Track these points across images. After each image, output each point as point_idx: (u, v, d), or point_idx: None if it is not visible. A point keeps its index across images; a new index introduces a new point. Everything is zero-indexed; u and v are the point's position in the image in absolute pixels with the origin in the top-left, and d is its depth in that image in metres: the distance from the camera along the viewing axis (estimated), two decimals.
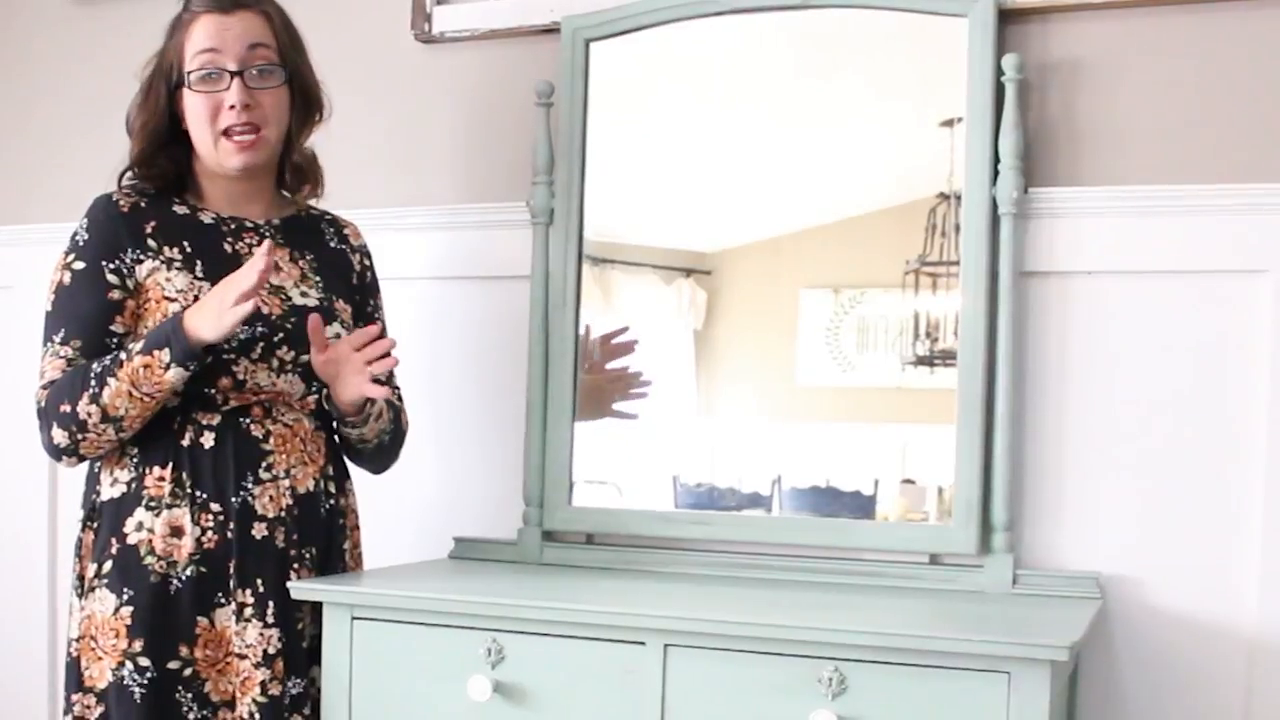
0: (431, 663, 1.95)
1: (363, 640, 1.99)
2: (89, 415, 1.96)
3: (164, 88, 2.09)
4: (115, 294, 2.03)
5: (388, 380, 2.22)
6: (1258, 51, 2.11)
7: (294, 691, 2.03)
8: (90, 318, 2.02)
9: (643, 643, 1.84)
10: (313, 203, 2.26)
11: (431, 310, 2.56)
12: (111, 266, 2.03)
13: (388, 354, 2.01)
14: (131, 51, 2.80)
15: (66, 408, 1.97)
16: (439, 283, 2.55)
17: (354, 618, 1.99)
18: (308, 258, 2.17)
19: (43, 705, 2.90)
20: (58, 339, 2.03)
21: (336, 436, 2.20)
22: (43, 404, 2.01)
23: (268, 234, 2.14)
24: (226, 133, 2.05)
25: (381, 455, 2.22)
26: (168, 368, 1.93)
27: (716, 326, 2.40)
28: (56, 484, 2.89)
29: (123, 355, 1.95)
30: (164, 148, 2.10)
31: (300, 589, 2.00)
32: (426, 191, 2.59)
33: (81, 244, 2.06)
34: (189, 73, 2.05)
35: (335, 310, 2.14)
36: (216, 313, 1.91)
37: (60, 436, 1.99)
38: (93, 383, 1.95)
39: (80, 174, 2.86)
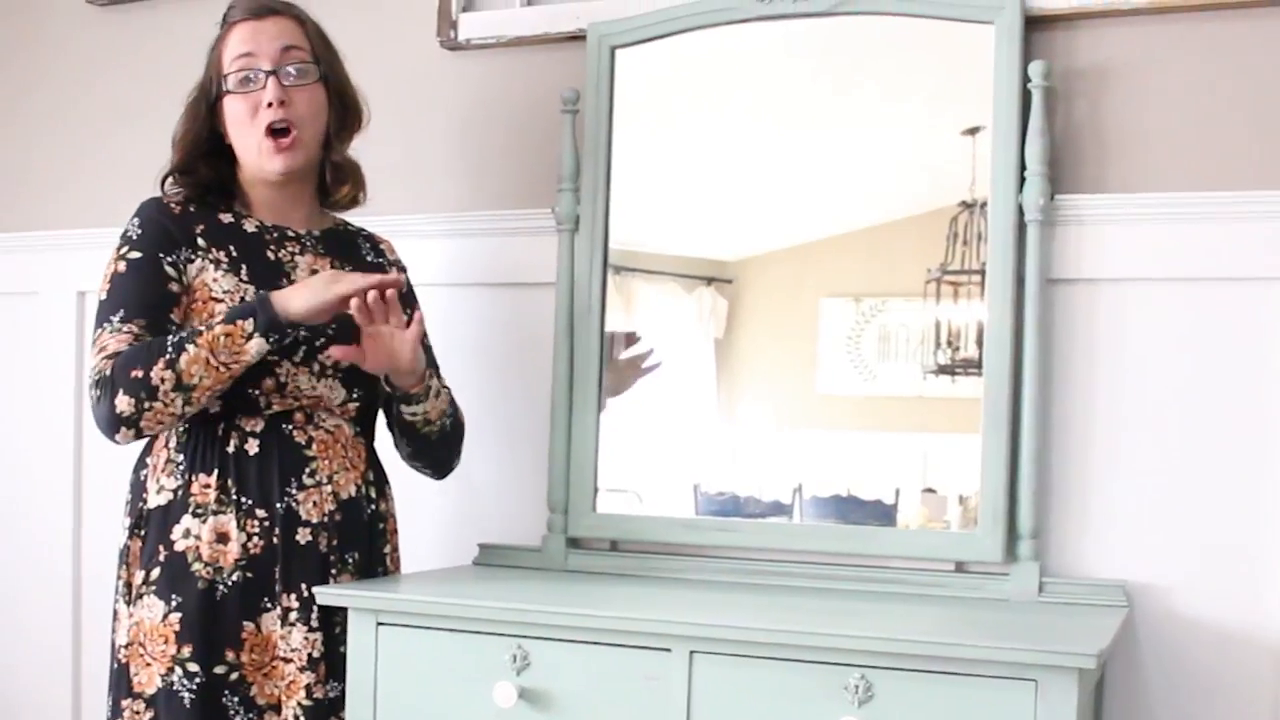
0: (457, 669, 1.95)
1: (388, 646, 1.99)
2: (162, 380, 1.94)
3: (204, 103, 2.13)
4: (174, 286, 2.05)
5: (435, 375, 2.25)
6: None
7: (332, 695, 2.05)
8: (150, 303, 2.03)
9: (668, 649, 1.84)
10: (350, 217, 2.29)
11: (455, 316, 2.56)
12: (169, 260, 2.05)
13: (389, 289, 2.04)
14: (155, 56, 2.84)
15: (139, 373, 1.95)
16: (463, 289, 2.56)
17: (379, 623, 1.99)
18: (347, 270, 2.19)
19: (66, 709, 2.91)
20: (117, 318, 2.02)
21: (396, 432, 2.22)
22: (108, 372, 1.97)
23: (309, 244, 2.17)
24: (267, 134, 2.07)
25: (446, 445, 2.24)
26: (249, 337, 1.94)
27: (737, 335, 2.40)
28: (82, 488, 2.90)
29: (202, 328, 1.96)
30: (204, 157, 2.13)
31: (326, 594, 2.01)
32: (451, 198, 2.60)
33: (135, 239, 2.07)
34: (226, 77, 2.09)
35: None
36: (314, 289, 1.96)
37: (124, 404, 1.96)
38: (169, 350, 1.95)
39: (104, 179, 2.89)
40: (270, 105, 2.07)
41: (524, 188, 2.52)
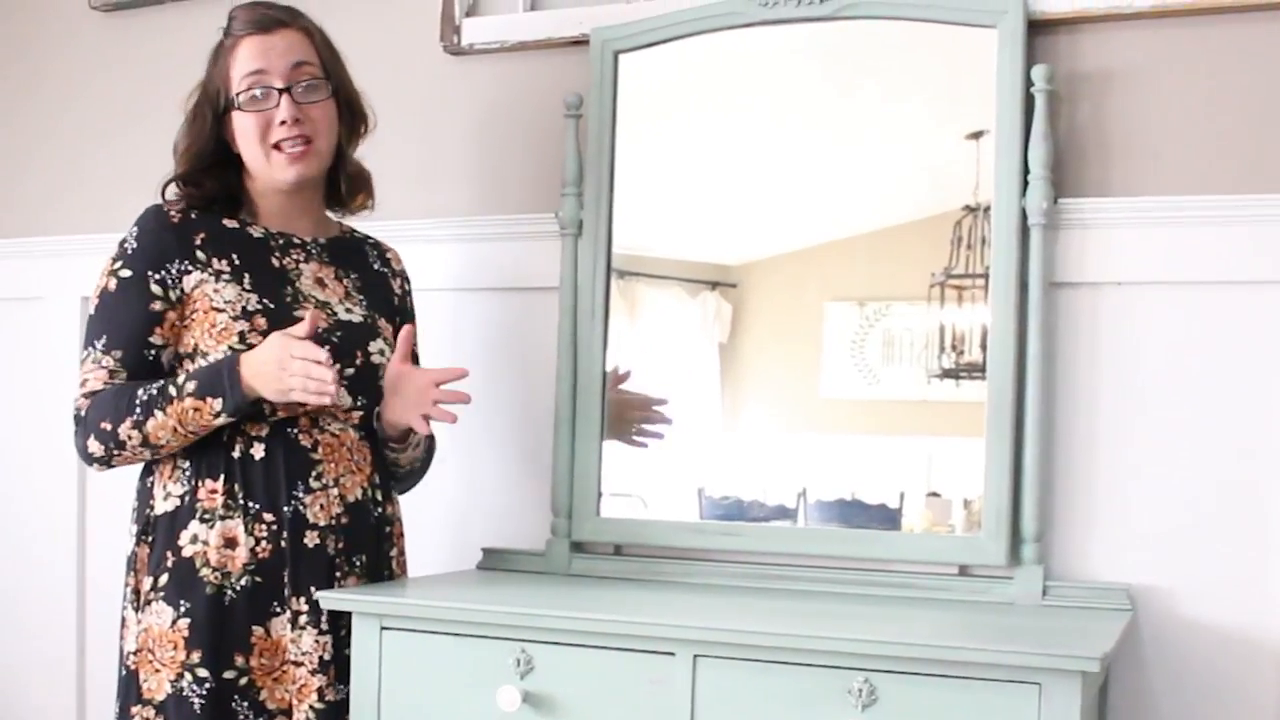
0: (460, 673, 1.95)
1: (392, 650, 1.99)
2: (129, 438, 2.00)
3: (210, 113, 2.12)
4: (157, 305, 2.06)
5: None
6: None
7: (342, 698, 2.05)
8: (130, 328, 2.06)
9: (672, 653, 1.84)
10: (355, 224, 2.30)
11: (459, 321, 2.56)
12: (156, 277, 2.06)
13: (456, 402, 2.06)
14: (157, 61, 2.85)
15: (107, 425, 2.01)
16: (467, 294, 2.56)
17: (383, 628, 1.99)
18: (352, 277, 2.21)
19: (70, 715, 2.91)
20: (99, 346, 2.06)
21: None
22: (83, 413, 2.04)
23: (314, 251, 2.18)
24: (278, 147, 2.08)
25: (409, 478, 2.27)
26: (218, 415, 1.98)
27: (741, 339, 2.40)
28: (85, 494, 2.90)
29: (172, 390, 1.99)
30: (209, 169, 2.13)
31: (330, 598, 2.01)
32: (455, 203, 2.60)
33: (130, 252, 2.08)
34: (237, 94, 2.08)
35: (378, 328, 2.18)
36: (271, 378, 1.96)
37: (96, 448, 2.04)
38: (138, 410, 1.99)
39: (107, 184, 2.89)
40: (284, 123, 2.07)
41: (528, 192, 2.52)
